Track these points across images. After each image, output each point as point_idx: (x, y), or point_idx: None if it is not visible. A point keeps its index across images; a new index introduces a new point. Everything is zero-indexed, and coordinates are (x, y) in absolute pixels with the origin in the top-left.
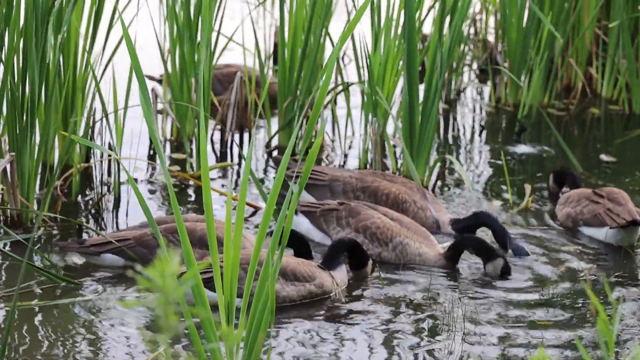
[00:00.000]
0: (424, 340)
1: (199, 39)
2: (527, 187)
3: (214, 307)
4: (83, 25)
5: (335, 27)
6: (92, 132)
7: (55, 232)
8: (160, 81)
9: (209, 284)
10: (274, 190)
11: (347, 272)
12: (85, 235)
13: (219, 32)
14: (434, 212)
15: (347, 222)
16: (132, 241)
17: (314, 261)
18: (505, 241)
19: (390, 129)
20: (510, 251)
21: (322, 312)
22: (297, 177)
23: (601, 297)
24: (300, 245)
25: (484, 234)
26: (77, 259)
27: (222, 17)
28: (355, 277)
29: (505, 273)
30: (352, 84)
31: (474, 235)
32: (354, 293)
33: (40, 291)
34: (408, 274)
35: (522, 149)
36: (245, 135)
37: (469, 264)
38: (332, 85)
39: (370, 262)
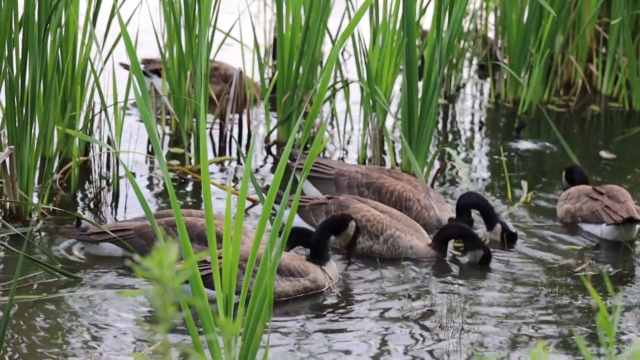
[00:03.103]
0: (422, 336)
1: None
2: (524, 184)
3: (212, 302)
4: (82, 19)
5: (334, 22)
6: (91, 125)
7: (53, 225)
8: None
9: (207, 280)
10: (274, 185)
11: (337, 267)
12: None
13: (214, 26)
14: (437, 211)
15: None
16: (132, 232)
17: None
18: (491, 218)
19: (389, 123)
20: (499, 226)
21: (319, 308)
22: (297, 169)
23: (601, 292)
24: (307, 239)
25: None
26: (76, 254)
27: (217, 10)
28: (341, 242)
29: (484, 262)
30: (351, 82)
31: (457, 223)
32: (351, 288)
33: (39, 285)
34: (405, 269)
35: (522, 145)
36: (244, 130)
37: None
38: (331, 82)
39: (353, 222)
